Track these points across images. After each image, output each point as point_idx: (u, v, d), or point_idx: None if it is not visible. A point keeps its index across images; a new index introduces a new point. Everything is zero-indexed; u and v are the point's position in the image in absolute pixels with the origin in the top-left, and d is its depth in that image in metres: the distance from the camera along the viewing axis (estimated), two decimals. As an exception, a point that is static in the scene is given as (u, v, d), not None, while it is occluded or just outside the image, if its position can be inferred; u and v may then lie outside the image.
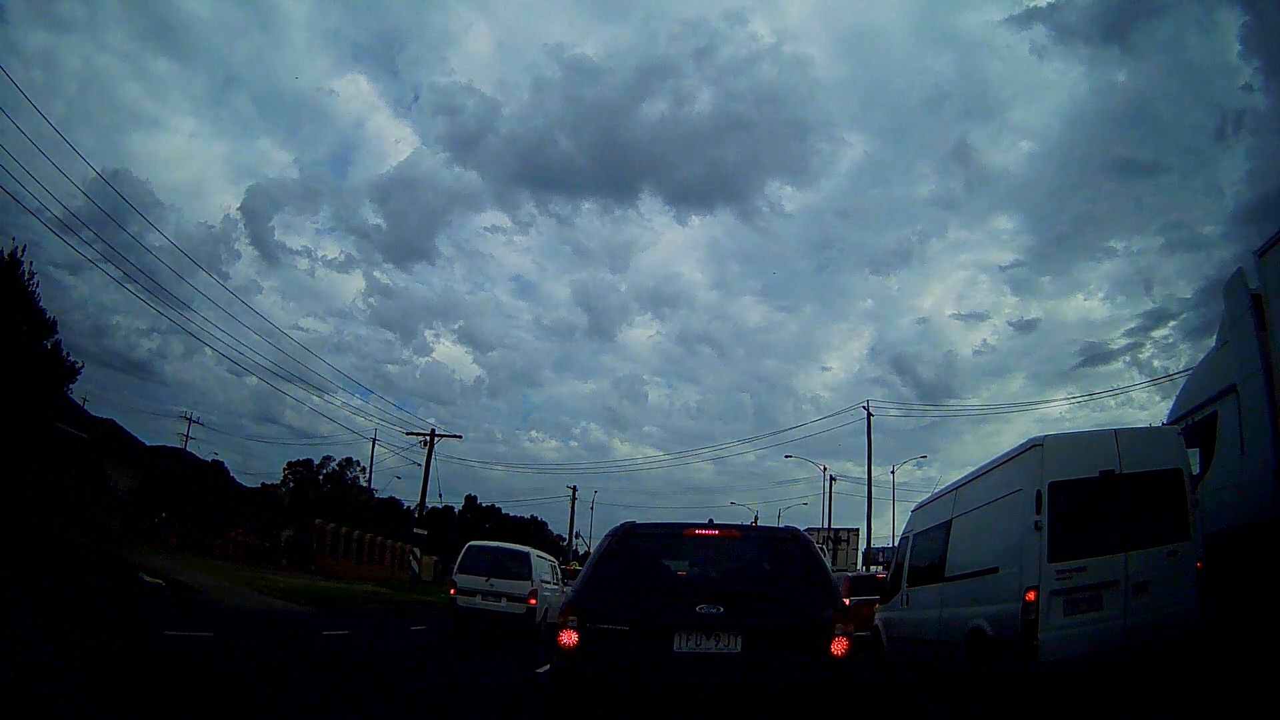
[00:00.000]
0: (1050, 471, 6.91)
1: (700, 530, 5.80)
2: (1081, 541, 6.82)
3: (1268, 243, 7.76)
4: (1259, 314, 7.79)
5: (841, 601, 5.36)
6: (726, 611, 4.95)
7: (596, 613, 5.09)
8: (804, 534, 6.02)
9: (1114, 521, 6.91)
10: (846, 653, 4.93)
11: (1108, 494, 6.97)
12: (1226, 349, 8.60)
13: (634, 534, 5.72)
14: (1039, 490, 6.83)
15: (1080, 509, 6.97)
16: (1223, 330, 8.86)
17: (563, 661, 5.02)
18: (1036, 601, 6.53)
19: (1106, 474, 6.96)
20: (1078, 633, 6.54)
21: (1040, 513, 6.74)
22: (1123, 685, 6.72)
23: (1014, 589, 6.79)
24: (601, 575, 5.47)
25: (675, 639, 4.90)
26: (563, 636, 5.02)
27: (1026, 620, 6.54)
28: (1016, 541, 6.98)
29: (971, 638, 7.46)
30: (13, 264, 27.56)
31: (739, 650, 4.87)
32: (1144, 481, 7.00)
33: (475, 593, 16.24)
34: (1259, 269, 7.95)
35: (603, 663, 4.90)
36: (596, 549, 6.04)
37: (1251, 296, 7.99)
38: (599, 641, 4.97)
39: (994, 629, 7.08)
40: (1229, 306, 8.60)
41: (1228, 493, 7.87)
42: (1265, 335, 7.68)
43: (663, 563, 5.86)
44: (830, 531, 46.25)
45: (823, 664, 4.88)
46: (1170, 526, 6.85)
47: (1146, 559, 6.74)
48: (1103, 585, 6.67)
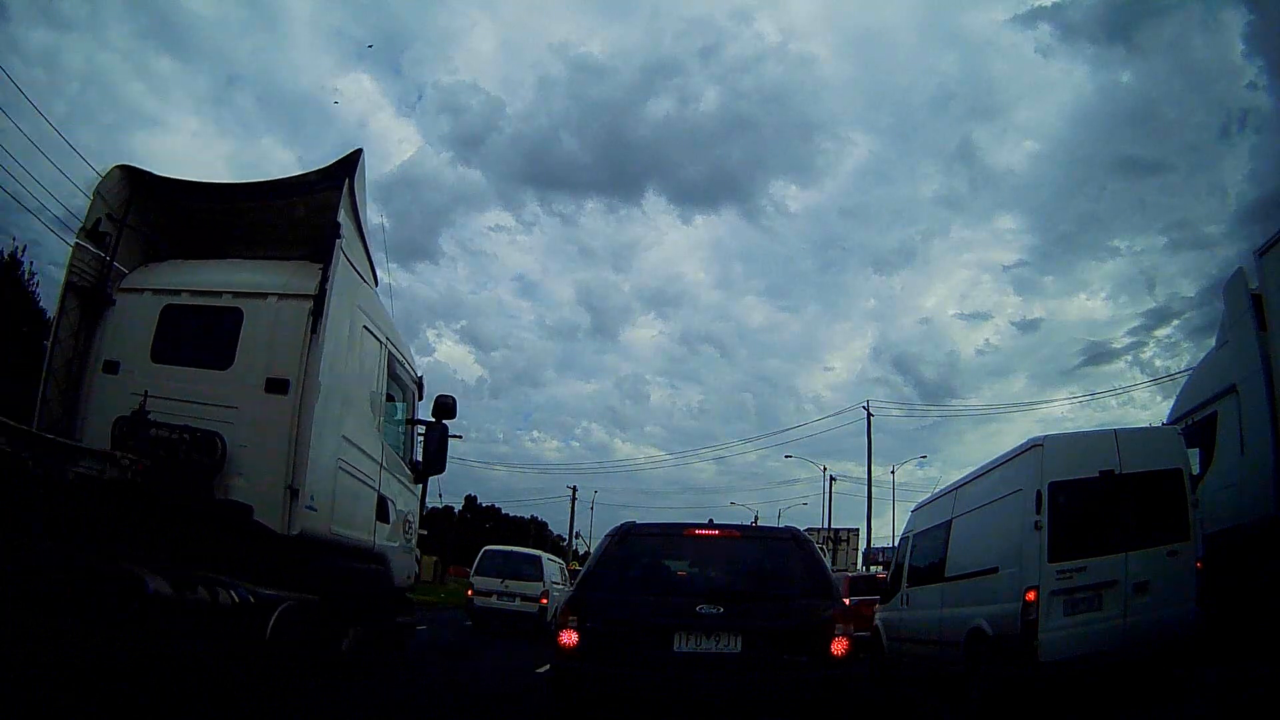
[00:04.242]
0: (1050, 471, 6.91)
1: (700, 530, 5.81)
2: (1081, 541, 6.82)
3: (1268, 243, 7.75)
4: (1259, 314, 7.78)
5: (841, 602, 5.37)
6: (726, 611, 4.96)
7: (597, 612, 5.10)
8: (804, 534, 6.03)
9: (1114, 521, 6.90)
10: (846, 653, 4.94)
11: (1108, 494, 6.97)
12: (1226, 349, 8.59)
13: (634, 534, 5.73)
14: (1039, 490, 6.83)
15: (1080, 509, 6.97)
16: (1223, 330, 8.85)
17: (563, 661, 5.03)
18: (1036, 601, 6.53)
19: (1106, 474, 6.96)
20: (1078, 633, 6.54)
21: (1040, 513, 6.73)
22: (1122, 685, 6.72)
23: (1014, 589, 6.79)
24: (602, 575, 5.48)
25: (675, 639, 4.91)
26: (563, 636, 5.03)
27: (1026, 620, 6.54)
28: (1016, 541, 6.98)
29: (971, 638, 7.46)
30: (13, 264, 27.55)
31: (739, 650, 4.88)
32: (1144, 481, 7.00)
33: (491, 593, 17.53)
34: (1259, 269, 7.94)
35: (603, 662, 4.91)
36: (597, 549, 6.04)
37: (1252, 296, 7.97)
38: (599, 641, 4.98)
39: (994, 629, 7.08)
40: (1229, 306, 8.59)
41: (1228, 493, 7.85)
42: (1265, 335, 7.67)
43: (663, 563, 5.87)
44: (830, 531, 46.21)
45: (823, 664, 4.89)
46: (1170, 526, 6.85)
47: (1146, 559, 6.73)
48: (1103, 585, 6.67)
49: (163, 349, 6.16)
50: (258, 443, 5.74)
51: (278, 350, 5.95)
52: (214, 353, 6.04)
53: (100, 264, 6.33)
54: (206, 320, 6.21)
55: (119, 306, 6.29)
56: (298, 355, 5.85)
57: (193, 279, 6.43)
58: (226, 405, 5.82)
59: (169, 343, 6.17)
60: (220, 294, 6.26)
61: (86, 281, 6.25)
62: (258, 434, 5.76)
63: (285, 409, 5.76)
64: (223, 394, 5.86)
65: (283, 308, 6.05)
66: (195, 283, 6.39)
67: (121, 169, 6.57)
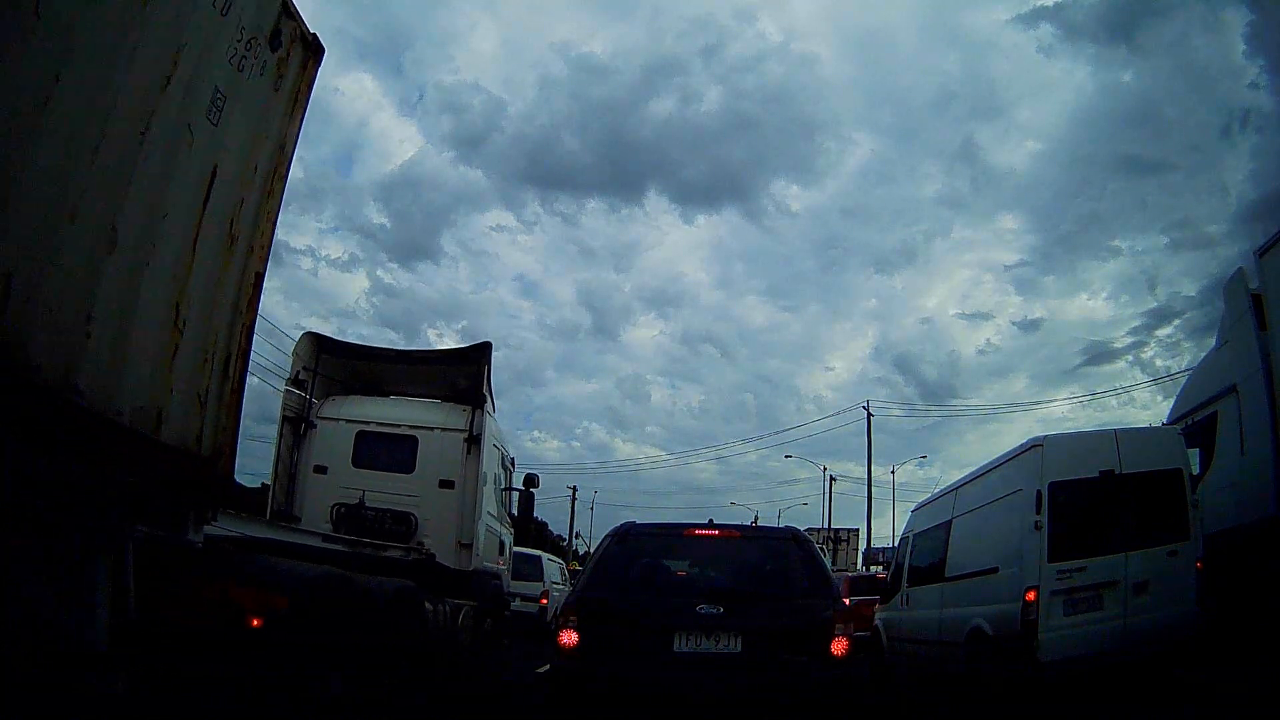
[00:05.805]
0: (1050, 471, 6.91)
1: (700, 530, 5.81)
2: (1081, 541, 6.82)
3: (1268, 243, 7.76)
4: (1259, 314, 7.79)
5: (841, 602, 5.37)
6: (726, 611, 4.96)
7: (597, 612, 5.10)
8: (804, 534, 6.02)
9: (1114, 521, 6.91)
10: (846, 653, 4.93)
11: (1108, 494, 6.97)
12: (1227, 349, 8.61)
13: (634, 534, 5.73)
14: (1039, 490, 6.83)
15: (1080, 509, 6.97)
16: (1223, 330, 8.86)
17: (563, 661, 5.03)
18: (1036, 601, 6.53)
19: (1106, 474, 6.96)
20: (1078, 633, 6.55)
21: (1040, 513, 6.74)
22: (1122, 685, 6.73)
23: (1014, 589, 6.79)
24: (602, 575, 5.48)
25: (675, 639, 4.91)
26: (563, 636, 5.02)
27: (1026, 620, 6.54)
28: (1016, 541, 6.99)
29: (971, 638, 7.47)
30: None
31: (739, 650, 4.87)
32: (1144, 481, 7.01)
33: None
34: (1259, 269, 7.95)
35: (603, 662, 4.90)
36: (597, 549, 6.05)
37: (1252, 296, 7.99)
38: (599, 641, 4.98)
39: (994, 629, 7.09)
40: (1229, 306, 8.61)
41: (1228, 493, 7.86)
42: (1265, 335, 7.68)
43: (663, 563, 5.87)
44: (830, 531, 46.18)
45: (823, 664, 4.89)
46: (1170, 526, 6.86)
47: (1146, 559, 6.74)
48: (1103, 585, 6.68)
49: (360, 458, 8.86)
50: (437, 517, 8.63)
51: (444, 462, 8.86)
52: (400, 462, 8.83)
53: (302, 401, 8.98)
54: (391, 442, 8.97)
55: (319, 429, 8.97)
56: (458, 465, 8.87)
57: (376, 413, 9.22)
58: (414, 496, 8.65)
59: (364, 455, 8.88)
60: (400, 425, 9.06)
61: (294, 413, 8.94)
62: (436, 513, 8.64)
63: (453, 498, 8.76)
64: (410, 489, 8.69)
65: (445, 436, 9.01)
66: (379, 416, 9.18)
67: (308, 336, 9.41)
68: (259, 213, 4.74)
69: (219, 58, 4.14)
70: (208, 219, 4.19)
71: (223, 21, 4.11)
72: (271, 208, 4.88)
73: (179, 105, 3.81)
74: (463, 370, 9.48)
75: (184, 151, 3.93)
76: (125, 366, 3.64)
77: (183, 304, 4.05)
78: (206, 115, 4.08)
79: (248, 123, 4.49)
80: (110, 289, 3.47)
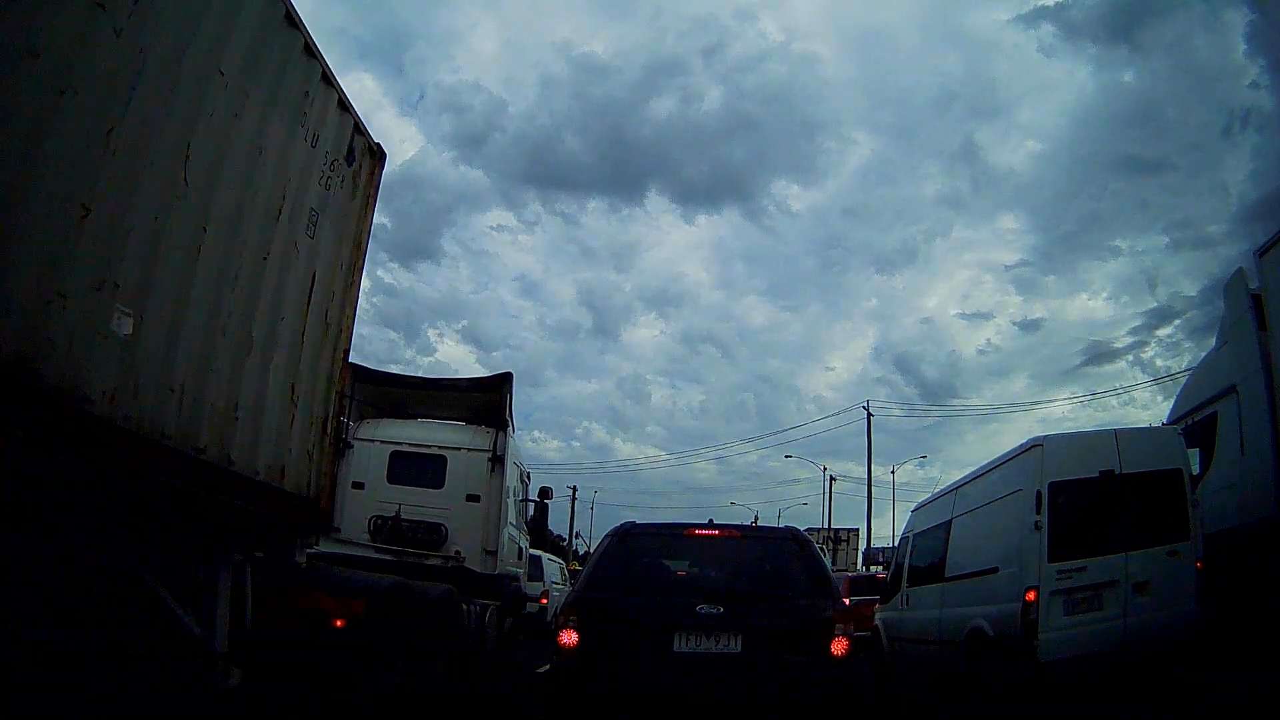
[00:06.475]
0: (1050, 471, 6.91)
1: (700, 530, 5.81)
2: (1081, 541, 6.82)
3: (1268, 242, 7.76)
4: (1259, 314, 7.79)
5: (841, 601, 5.37)
6: (727, 611, 4.96)
7: (597, 612, 5.10)
8: (804, 534, 6.02)
9: (1114, 521, 6.90)
10: (846, 653, 4.93)
11: (1108, 494, 6.96)
12: (1226, 349, 8.60)
13: (634, 534, 5.73)
14: (1039, 490, 6.83)
15: (1080, 509, 6.97)
16: (1223, 330, 8.86)
17: (563, 661, 5.03)
18: (1036, 601, 6.53)
19: (1106, 474, 6.95)
20: (1078, 633, 6.54)
21: (1040, 513, 6.73)
22: (1122, 685, 6.72)
23: (1014, 589, 6.79)
24: (602, 575, 5.48)
25: (675, 639, 4.91)
26: (563, 636, 5.03)
27: (1026, 620, 6.54)
28: (1016, 541, 6.98)
29: (971, 638, 7.46)
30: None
31: (739, 650, 4.87)
32: (1144, 481, 6.99)
33: None
34: (1259, 269, 7.95)
35: (602, 662, 4.91)
36: (597, 549, 6.05)
37: (1252, 296, 7.98)
38: (599, 641, 4.98)
39: (994, 629, 7.08)
40: (1229, 306, 8.60)
41: (1228, 493, 7.86)
42: (1265, 335, 7.68)
43: (663, 563, 5.87)
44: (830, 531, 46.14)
45: (823, 664, 4.89)
46: (1170, 526, 6.85)
47: (1146, 559, 6.73)
48: (1103, 585, 6.67)
49: (394, 475, 9.87)
50: (465, 528, 9.72)
51: (471, 479, 9.99)
52: (431, 479, 9.91)
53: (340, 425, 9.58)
54: (423, 461, 10.04)
55: (356, 449, 9.84)
56: (484, 481, 10.03)
57: (408, 435, 10.29)
58: (444, 508, 9.71)
59: (398, 472, 9.90)
60: (430, 446, 10.18)
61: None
62: (464, 523, 9.73)
63: (479, 510, 9.90)
64: (441, 502, 9.76)
65: (471, 456, 10.14)
66: (411, 437, 10.25)
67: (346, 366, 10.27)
68: (344, 300, 5.71)
69: (313, 184, 5.07)
70: (311, 315, 5.21)
71: (313, 152, 5.02)
72: (353, 296, 5.88)
73: (287, 229, 4.78)
74: (485, 397, 10.53)
75: (292, 265, 4.91)
76: (259, 437, 4.69)
77: (296, 385, 5.08)
78: (306, 231, 5.04)
79: (335, 230, 5.46)
80: (249, 383, 4.51)
